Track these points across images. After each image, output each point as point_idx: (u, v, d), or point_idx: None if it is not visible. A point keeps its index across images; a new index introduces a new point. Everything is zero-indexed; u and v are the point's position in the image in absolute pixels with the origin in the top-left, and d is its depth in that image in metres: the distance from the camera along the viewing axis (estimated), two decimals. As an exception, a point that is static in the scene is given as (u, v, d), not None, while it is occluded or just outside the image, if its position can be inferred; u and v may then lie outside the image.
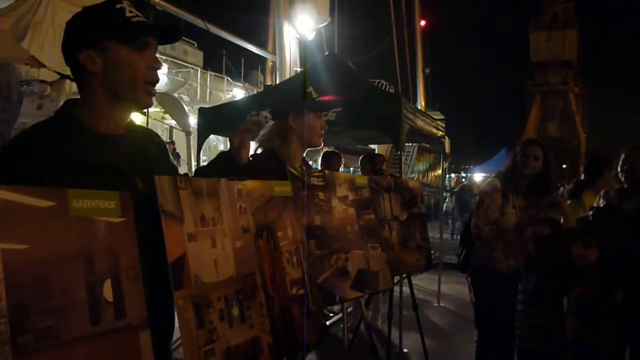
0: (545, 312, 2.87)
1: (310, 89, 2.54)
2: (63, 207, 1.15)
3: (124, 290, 1.24)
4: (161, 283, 1.35)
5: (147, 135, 1.59)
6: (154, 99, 1.48)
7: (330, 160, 5.02)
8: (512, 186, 3.35)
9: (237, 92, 13.58)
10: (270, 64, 18.35)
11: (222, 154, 1.84)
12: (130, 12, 1.37)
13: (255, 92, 13.57)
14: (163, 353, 1.33)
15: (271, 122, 2.55)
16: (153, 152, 1.56)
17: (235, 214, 1.70)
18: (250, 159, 2.58)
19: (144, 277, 1.27)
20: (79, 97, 1.44)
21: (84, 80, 1.38)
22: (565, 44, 39.26)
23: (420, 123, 5.44)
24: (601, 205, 3.38)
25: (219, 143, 11.71)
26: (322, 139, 2.47)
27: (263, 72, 17.74)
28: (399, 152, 5.08)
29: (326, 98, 2.91)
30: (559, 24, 39.92)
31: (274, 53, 15.36)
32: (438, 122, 6.69)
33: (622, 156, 3.48)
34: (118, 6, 1.37)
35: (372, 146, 11.84)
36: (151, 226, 1.33)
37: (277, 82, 12.10)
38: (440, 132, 6.51)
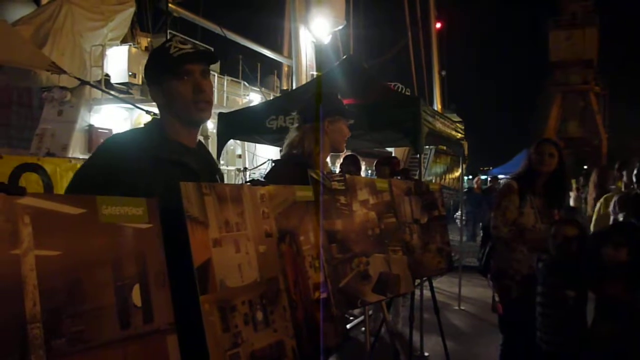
0: (566, 314, 2.83)
1: (339, 95, 2.57)
2: (93, 214, 1.18)
3: (152, 295, 1.27)
4: None
5: (208, 152, 1.90)
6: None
7: (351, 164, 5.01)
8: (529, 186, 3.34)
9: (254, 97, 13.63)
10: (285, 68, 18.46)
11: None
12: (175, 47, 1.63)
13: (271, 96, 13.62)
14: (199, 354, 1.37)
15: (295, 125, 2.56)
16: (213, 164, 1.86)
17: (258, 219, 1.72)
18: (273, 164, 2.62)
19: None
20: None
21: (159, 107, 1.70)
22: (585, 43, 38.63)
23: (439, 125, 5.41)
24: (619, 215, 3.36)
25: (236, 147, 11.77)
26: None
27: (279, 76, 17.83)
28: (416, 155, 5.06)
29: (345, 102, 2.92)
30: (578, 22, 39.30)
31: (289, 57, 15.44)
32: (457, 124, 6.65)
33: (638, 164, 3.48)
34: (167, 45, 1.65)
35: (389, 149, 11.80)
36: None
37: (294, 86, 12.15)
38: (460, 135, 6.47)
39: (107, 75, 9.93)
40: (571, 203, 15.02)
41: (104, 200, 1.20)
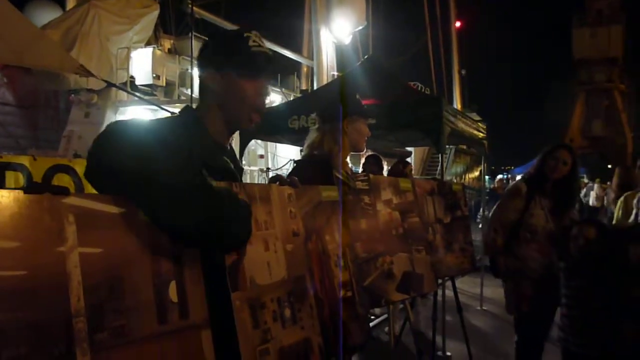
0: (590, 315, 2.82)
1: (358, 95, 2.59)
2: (133, 213, 1.22)
3: (187, 292, 1.31)
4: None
5: (235, 154, 1.78)
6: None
7: (373, 164, 5.03)
8: (539, 188, 3.36)
9: (275, 97, 13.72)
10: (305, 68, 18.52)
11: None
12: (254, 41, 1.52)
13: (292, 96, 13.68)
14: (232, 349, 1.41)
15: (315, 127, 2.59)
16: (240, 166, 1.75)
17: (286, 218, 1.75)
18: (295, 164, 2.66)
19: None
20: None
21: (205, 94, 1.57)
22: (610, 41, 37.95)
23: (461, 125, 5.40)
24: None
25: (257, 147, 11.86)
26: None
27: (298, 76, 17.90)
28: (436, 155, 5.07)
29: (367, 102, 2.94)
30: (603, 20, 38.64)
31: (309, 58, 15.47)
32: (479, 123, 6.62)
33: None
34: (245, 35, 1.52)
35: (409, 149, 11.77)
36: None
37: (315, 87, 12.18)
38: (482, 134, 6.44)
39: (132, 77, 10.10)
40: (591, 202, 14.76)
41: (142, 200, 1.25)
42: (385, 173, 5.43)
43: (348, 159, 2.65)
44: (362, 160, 5.18)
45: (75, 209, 1.11)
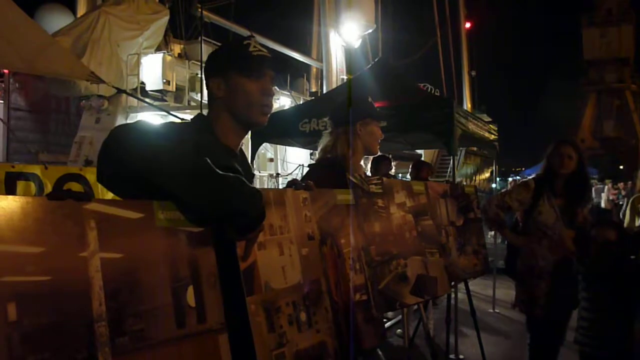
0: (609, 318, 2.80)
1: (370, 98, 2.60)
2: (150, 218, 1.24)
3: (204, 296, 1.32)
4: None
5: (246, 159, 1.81)
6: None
7: (380, 165, 5.01)
8: (549, 186, 3.37)
9: (284, 101, 13.73)
10: (314, 70, 18.54)
11: None
12: (254, 47, 1.61)
13: (301, 99, 13.70)
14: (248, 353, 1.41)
15: (328, 130, 2.60)
16: (251, 172, 1.77)
17: (301, 222, 1.76)
18: (308, 168, 2.66)
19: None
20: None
21: (213, 101, 1.64)
22: (621, 41, 37.69)
23: (472, 127, 5.39)
24: None
25: (267, 151, 11.88)
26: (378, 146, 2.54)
27: (307, 78, 17.92)
28: (446, 157, 5.07)
29: (377, 104, 2.94)
30: (613, 19, 38.38)
31: (318, 60, 15.49)
32: (490, 125, 6.60)
33: None
34: (245, 42, 1.62)
35: (419, 151, 11.74)
36: None
37: (324, 89, 12.20)
38: (493, 136, 6.42)
39: (142, 83, 10.16)
40: (602, 204, 14.59)
41: (160, 205, 1.26)
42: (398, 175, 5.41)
43: (362, 162, 2.65)
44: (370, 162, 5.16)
45: (97, 214, 1.12)
